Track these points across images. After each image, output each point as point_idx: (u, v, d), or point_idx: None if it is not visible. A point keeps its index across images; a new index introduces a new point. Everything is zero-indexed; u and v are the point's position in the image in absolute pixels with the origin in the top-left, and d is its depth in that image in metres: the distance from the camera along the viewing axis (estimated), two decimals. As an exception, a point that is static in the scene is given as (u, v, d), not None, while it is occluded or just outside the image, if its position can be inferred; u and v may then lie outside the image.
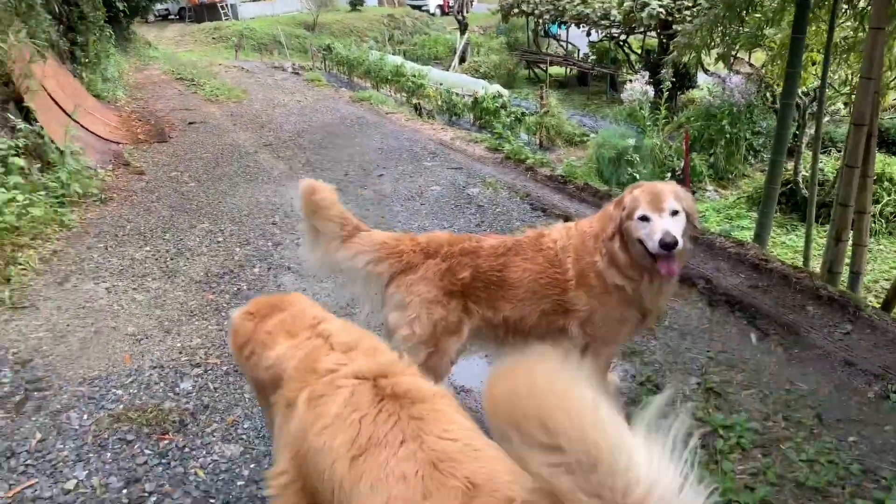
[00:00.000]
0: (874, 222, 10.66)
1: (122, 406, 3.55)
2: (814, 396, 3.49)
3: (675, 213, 2.74)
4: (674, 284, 3.05)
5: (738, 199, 12.18)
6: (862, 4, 6.66)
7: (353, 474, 1.66)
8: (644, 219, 2.74)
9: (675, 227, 2.69)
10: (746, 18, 7.17)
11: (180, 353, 4.07)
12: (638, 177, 11.43)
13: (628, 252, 2.88)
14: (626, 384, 3.66)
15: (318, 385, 1.91)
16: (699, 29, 7.24)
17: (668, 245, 2.64)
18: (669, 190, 2.80)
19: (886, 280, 8.19)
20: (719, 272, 4.82)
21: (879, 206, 10.74)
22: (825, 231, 8.64)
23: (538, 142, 15.23)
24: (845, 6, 6.88)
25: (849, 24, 7.63)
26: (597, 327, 3.02)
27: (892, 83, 7.54)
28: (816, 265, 7.05)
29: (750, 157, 13.93)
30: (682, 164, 12.38)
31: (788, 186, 11.69)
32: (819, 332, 4.02)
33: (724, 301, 4.45)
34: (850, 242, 5.97)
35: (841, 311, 4.20)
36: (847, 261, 5.96)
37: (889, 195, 10.77)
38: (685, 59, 8.49)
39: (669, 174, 12.28)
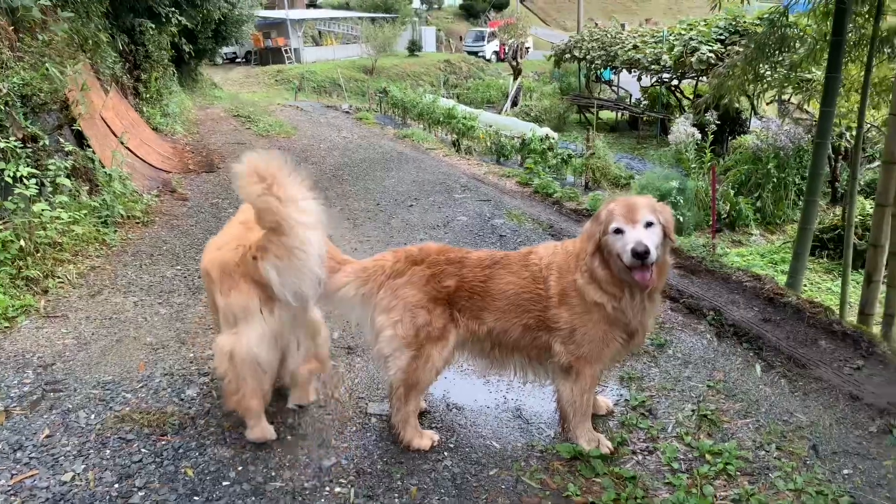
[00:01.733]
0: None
1: (128, 408, 3.70)
2: (812, 428, 3.39)
3: (649, 224, 2.77)
4: (658, 301, 3.05)
5: (785, 243, 11.87)
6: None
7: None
8: (618, 231, 2.78)
9: (648, 238, 2.72)
10: (780, 59, 7.11)
11: (191, 362, 4.22)
12: (682, 219, 11.30)
13: (609, 268, 2.90)
14: (620, 408, 3.62)
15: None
16: (731, 69, 7.22)
17: (639, 254, 2.66)
18: (644, 203, 2.84)
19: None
20: (732, 304, 4.73)
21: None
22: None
23: (584, 183, 15.24)
24: (882, 45, 6.77)
25: (893, 64, 7.50)
26: (578, 346, 3.04)
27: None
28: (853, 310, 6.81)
29: (799, 202, 13.58)
30: (724, 205, 12.22)
31: (837, 232, 11.36)
32: (828, 367, 3.90)
33: (732, 332, 4.37)
34: (886, 285, 5.78)
35: (853, 347, 4.07)
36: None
37: (945, 242, 10.29)
38: (723, 99, 8.44)
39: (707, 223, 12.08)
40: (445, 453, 3.27)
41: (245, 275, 2.97)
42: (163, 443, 3.39)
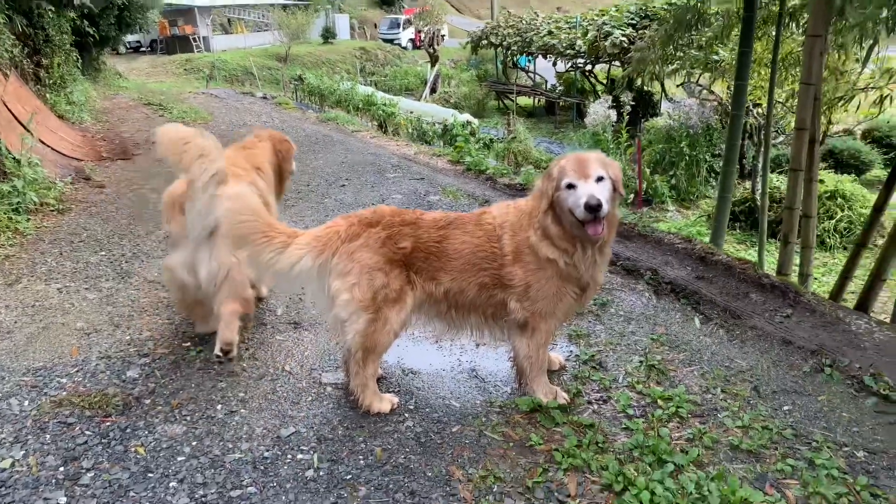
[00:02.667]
0: (829, 237, 10.95)
1: (65, 393, 3.51)
2: (752, 371, 3.60)
3: (600, 178, 2.85)
4: (608, 254, 3.14)
5: (699, 218, 12.44)
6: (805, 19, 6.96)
7: None
8: (571, 186, 2.84)
9: (600, 192, 2.79)
10: (696, 35, 7.43)
11: (129, 344, 4.04)
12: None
13: (561, 224, 2.96)
14: (571, 363, 3.71)
15: None
16: (651, 45, 7.48)
17: (592, 207, 2.73)
18: (594, 158, 2.91)
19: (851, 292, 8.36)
20: (667, 265, 4.93)
21: (833, 222, 11.04)
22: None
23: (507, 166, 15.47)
24: (790, 21, 7.18)
25: (799, 38, 7.97)
26: (533, 302, 3.09)
27: (840, 94, 7.87)
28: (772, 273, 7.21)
29: (711, 179, 14.25)
30: (643, 181, 12.64)
31: (747, 205, 12.01)
32: (761, 316, 4.13)
33: (669, 290, 4.57)
34: (800, 246, 6.15)
35: (782, 297, 4.33)
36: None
37: (842, 211, 11.08)
38: (640, 76, 8.75)
39: (633, 195, 12.51)
40: (406, 415, 3.27)
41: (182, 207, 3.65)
42: (107, 424, 3.24)
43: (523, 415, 3.21)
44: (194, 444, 3.08)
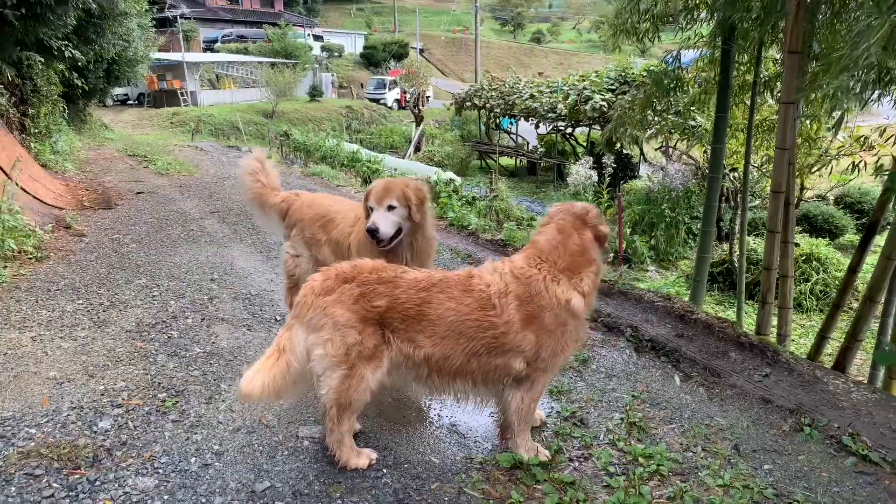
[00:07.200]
0: (805, 300, 11.09)
1: (33, 444, 3.41)
2: (732, 430, 3.59)
3: None
4: None
5: (678, 278, 12.58)
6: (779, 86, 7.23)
7: None
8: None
9: None
10: (674, 98, 7.66)
11: (102, 395, 3.95)
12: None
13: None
14: (552, 420, 3.69)
15: None
16: (631, 107, 7.71)
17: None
18: (592, 207, 3.06)
19: (828, 354, 8.42)
20: (647, 322, 4.97)
21: (809, 285, 11.20)
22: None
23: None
24: (764, 90, 7.45)
25: (773, 106, 8.26)
26: (543, 360, 3.05)
27: (813, 161, 8.12)
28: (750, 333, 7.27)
29: (690, 240, 14.46)
30: (623, 241, 12.78)
31: (725, 266, 12.17)
32: (740, 375, 4.15)
33: (649, 347, 4.58)
34: (777, 306, 6.22)
35: (760, 356, 4.36)
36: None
37: (817, 274, 11.25)
38: (619, 139, 8.98)
39: (613, 254, 12.64)
40: (385, 470, 3.20)
41: None
42: (76, 476, 3.14)
43: (504, 471, 3.17)
44: (166, 497, 2.99)
